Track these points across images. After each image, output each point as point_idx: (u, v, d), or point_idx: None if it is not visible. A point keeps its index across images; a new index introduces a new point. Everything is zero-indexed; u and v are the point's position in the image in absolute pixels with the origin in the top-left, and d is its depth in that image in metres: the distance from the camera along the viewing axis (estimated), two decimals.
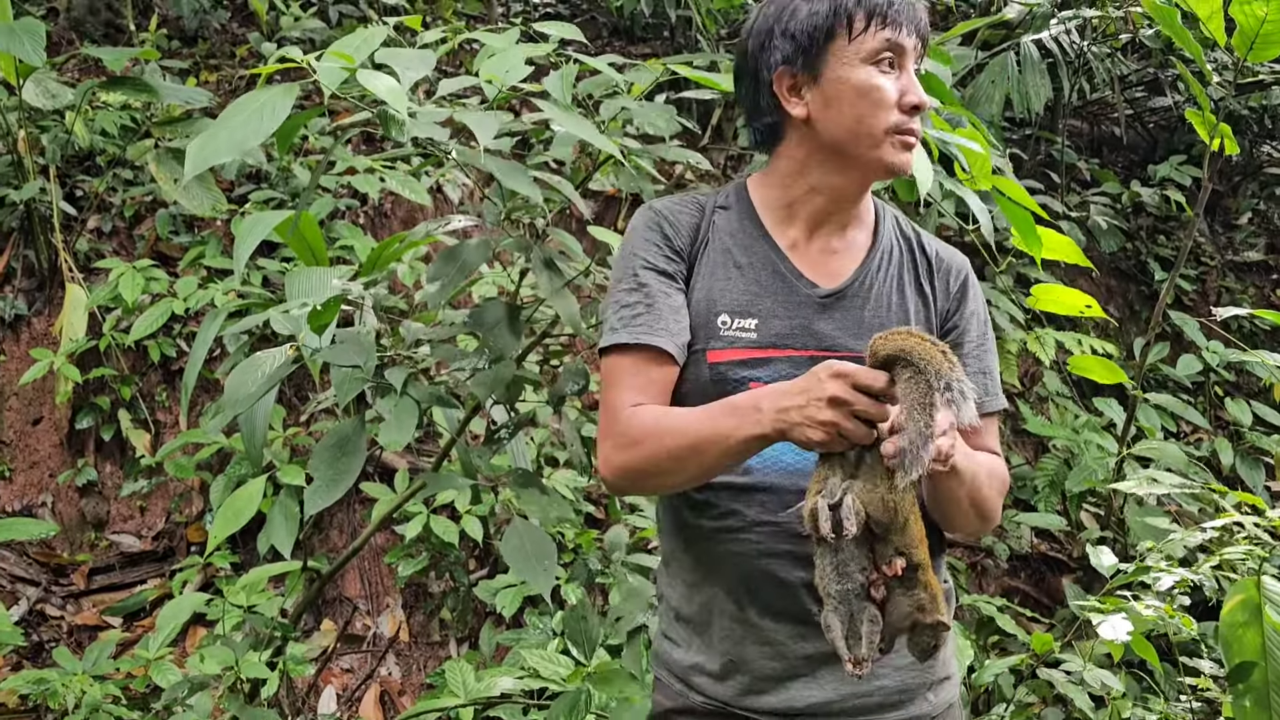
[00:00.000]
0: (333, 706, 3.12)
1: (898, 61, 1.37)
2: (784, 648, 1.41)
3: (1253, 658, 2.26)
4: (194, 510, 3.69)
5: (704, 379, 1.41)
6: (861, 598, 1.22)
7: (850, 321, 1.41)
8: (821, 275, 1.44)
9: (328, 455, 1.83)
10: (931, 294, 1.47)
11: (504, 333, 1.93)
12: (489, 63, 1.77)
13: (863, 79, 1.36)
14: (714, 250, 1.46)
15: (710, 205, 1.49)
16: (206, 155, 1.54)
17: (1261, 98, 5.40)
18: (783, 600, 1.39)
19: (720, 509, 1.42)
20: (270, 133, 1.61)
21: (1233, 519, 2.28)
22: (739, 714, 1.44)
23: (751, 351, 1.40)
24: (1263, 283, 5.43)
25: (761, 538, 1.39)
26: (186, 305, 3.66)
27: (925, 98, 1.37)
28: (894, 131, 1.37)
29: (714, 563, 1.44)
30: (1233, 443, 4.37)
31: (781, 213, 1.46)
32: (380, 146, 4.55)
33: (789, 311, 1.41)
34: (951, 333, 1.46)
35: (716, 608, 1.44)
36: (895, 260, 1.47)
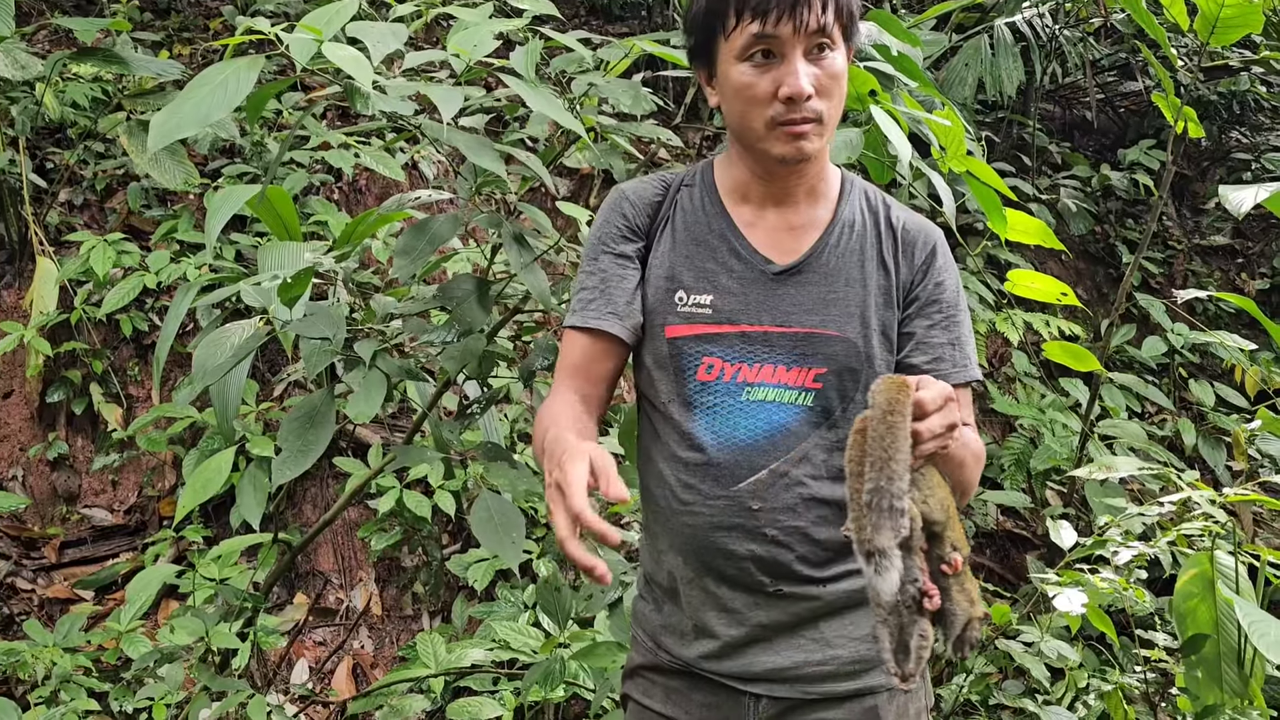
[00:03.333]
0: (305, 678, 3.14)
1: (779, 51, 1.33)
2: (741, 615, 1.45)
3: (1205, 630, 2.32)
4: (166, 484, 3.69)
5: (663, 353, 1.45)
6: (913, 610, 1.17)
7: (805, 296, 1.42)
8: (777, 251, 1.45)
9: (296, 427, 1.84)
10: (895, 267, 1.46)
11: (473, 307, 1.95)
12: (457, 37, 1.78)
13: (735, 77, 1.36)
14: (673, 227, 1.48)
15: (676, 184, 1.52)
16: (171, 128, 1.55)
17: (1230, 84, 5.47)
18: (734, 571, 1.43)
19: (676, 482, 1.45)
20: (235, 105, 1.61)
21: (1186, 495, 2.34)
22: (702, 675, 1.48)
23: (707, 327, 1.42)
24: (1228, 266, 5.51)
25: (714, 512, 1.42)
26: (159, 279, 3.65)
27: (802, 87, 1.31)
28: (776, 124, 1.35)
29: (673, 534, 1.47)
30: (1195, 423, 4.45)
31: (739, 191, 1.48)
32: (355, 122, 4.53)
33: (743, 287, 1.43)
34: (915, 303, 1.46)
35: (679, 575, 1.48)
36: (858, 234, 1.46)
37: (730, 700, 1.47)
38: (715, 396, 1.42)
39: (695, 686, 1.49)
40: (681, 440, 1.44)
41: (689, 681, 1.50)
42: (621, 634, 2.22)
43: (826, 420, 1.41)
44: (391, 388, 1.92)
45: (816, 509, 1.41)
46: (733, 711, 1.47)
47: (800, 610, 1.44)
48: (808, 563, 1.42)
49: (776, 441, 1.40)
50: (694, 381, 1.43)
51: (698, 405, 1.43)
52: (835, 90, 1.36)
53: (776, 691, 1.45)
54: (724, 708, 1.48)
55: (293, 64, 1.67)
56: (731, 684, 1.47)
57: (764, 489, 1.40)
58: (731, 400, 1.41)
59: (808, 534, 1.41)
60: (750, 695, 1.46)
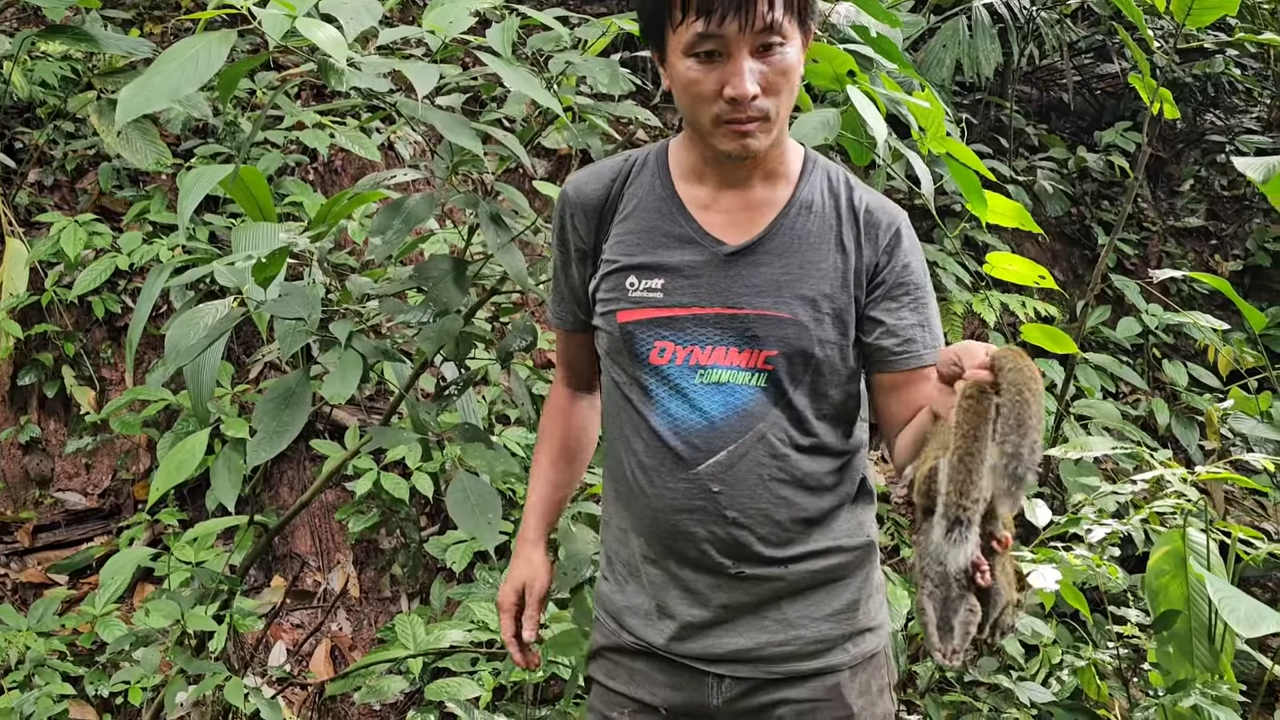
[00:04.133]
0: (283, 660, 3.13)
1: (725, 49, 1.29)
2: (703, 596, 1.45)
3: (1177, 607, 2.35)
4: (141, 468, 3.66)
5: (617, 339, 1.45)
6: (963, 585, 1.14)
7: (757, 278, 1.40)
8: (732, 232, 1.43)
9: (272, 408, 1.82)
10: (855, 249, 1.43)
11: (449, 287, 1.94)
12: (433, 13, 1.76)
13: (681, 72, 1.33)
14: (625, 214, 1.48)
15: (627, 169, 1.51)
16: (139, 102, 1.52)
17: (1206, 66, 5.50)
18: (695, 553, 1.44)
19: (636, 465, 1.46)
20: (206, 80, 1.58)
21: (1159, 474, 2.37)
22: (665, 656, 1.49)
23: (658, 311, 1.42)
24: (1202, 248, 5.56)
25: (674, 495, 1.43)
26: (131, 261, 3.61)
27: (747, 88, 1.29)
28: (722, 121, 1.33)
29: (635, 516, 1.48)
30: (1169, 403, 4.50)
31: (693, 173, 1.46)
32: (330, 101, 4.48)
33: (694, 270, 1.42)
34: (880, 286, 1.43)
35: (642, 555, 1.49)
36: (816, 215, 1.44)
37: (694, 681, 1.48)
38: (670, 380, 1.42)
39: (659, 668, 1.50)
40: (640, 423, 1.45)
41: (652, 663, 1.50)
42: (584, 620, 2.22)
43: (781, 400, 1.41)
44: (368, 369, 1.91)
45: (776, 489, 1.42)
46: (696, 692, 1.48)
47: (763, 591, 1.45)
48: (769, 543, 1.43)
49: (733, 423, 1.40)
50: (648, 365, 1.43)
51: (653, 389, 1.43)
52: (785, 85, 1.33)
53: (740, 672, 1.46)
54: (687, 688, 1.48)
55: (266, 41, 1.65)
56: (695, 665, 1.48)
57: (723, 471, 1.40)
58: (686, 383, 1.41)
59: (768, 515, 1.42)
60: (714, 676, 1.47)
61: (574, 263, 1.52)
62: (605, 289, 1.46)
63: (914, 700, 2.50)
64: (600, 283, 1.48)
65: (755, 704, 1.47)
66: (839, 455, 1.47)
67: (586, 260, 1.51)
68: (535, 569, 1.64)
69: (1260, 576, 3.60)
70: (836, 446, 1.46)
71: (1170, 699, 2.15)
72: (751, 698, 1.47)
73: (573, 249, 1.52)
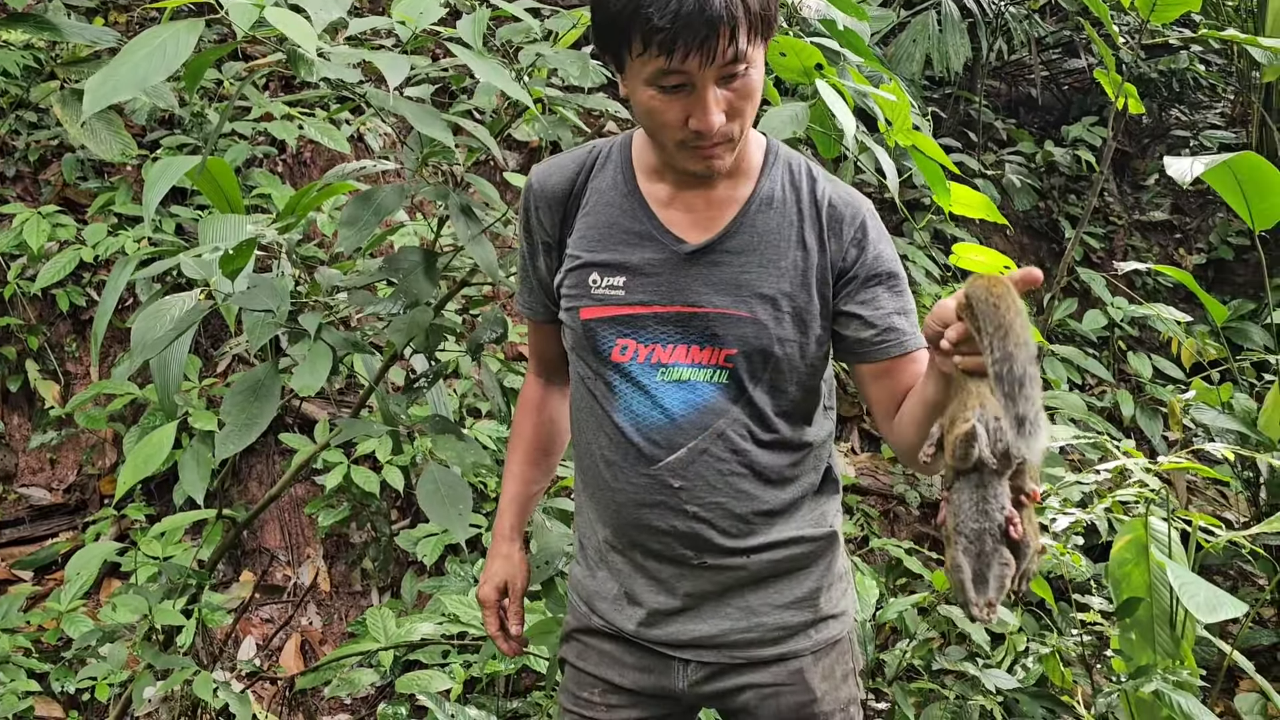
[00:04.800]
0: (252, 655, 3.12)
1: (689, 82, 1.25)
2: (669, 585, 1.48)
3: (1139, 594, 2.39)
4: (107, 462, 3.62)
5: (580, 335, 1.46)
6: (997, 539, 1.15)
7: (716, 277, 1.40)
8: (692, 230, 1.42)
9: (240, 400, 1.81)
10: (819, 246, 1.42)
11: (419, 279, 1.93)
12: (403, 4, 1.75)
13: (644, 100, 1.29)
14: (588, 208, 1.47)
15: (591, 161, 1.50)
16: (106, 92, 1.50)
17: (1170, 62, 5.57)
18: (659, 545, 1.46)
19: (600, 458, 1.48)
20: (173, 70, 1.57)
21: (1122, 464, 2.40)
22: (633, 640, 1.52)
23: (620, 309, 1.43)
24: (1166, 241, 5.64)
25: (636, 489, 1.44)
26: (96, 253, 3.56)
27: (713, 121, 1.26)
28: (685, 146, 1.32)
29: (601, 506, 1.50)
30: (1134, 395, 4.56)
31: (655, 170, 1.45)
32: (299, 92, 4.44)
33: (655, 268, 1.42)
34: (852, 281, 1.42)
35: (609, 545, 1.52)
36: (776, 209, 1.42)
37: (661, 664, 1.51)
38: (632, 377, 1.43)
39: (627, 650, 1.53)
40: (605, 418, 1.46)
41: (621, 646, 1.53)
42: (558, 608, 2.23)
43: (741, 398, 1.42)
44: (337, 361, 1.90)
45: (736, 483, 1.43)
46: (664, 675, 1.51)
47: (726, 580, 1.47)
48: (729, 535, 1.44)
49: (694, 420, 1.41)
50: (610, 362, 1.44)
51: (617, 385, 1.44)
52: (749, 106, 1.31)
53: (704, 657, 1.49)
54: (655, 671, 1.52)
55: (234, 31, 1.64)
56: (662, 650, 1.51)
57: (683, 466, 1.42)
58: (648, 380, 1.42)
59: (728, 509, 1.43)
60: (679, 660, 1.50)
61: (540, 254, 1.52)
62: (569, 284, 1.47)
63: (882, 688, 2.53)
64: (565, 277, 1.48)
65: (720, 687, 1.50)
66: (800, 448, 1.48)
67: (552, 252, 1.51)
68: (514, 566, 1.68)
69: (1221, 564, 3.67)
70: (798, 440, 1.47)
71: (1132, 685, 2.19)
72: (716, 681, 1.50)
73: (539, 241, 1.52)
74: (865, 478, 3.95)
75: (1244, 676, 2.95)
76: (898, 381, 1.41)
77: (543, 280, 1.54)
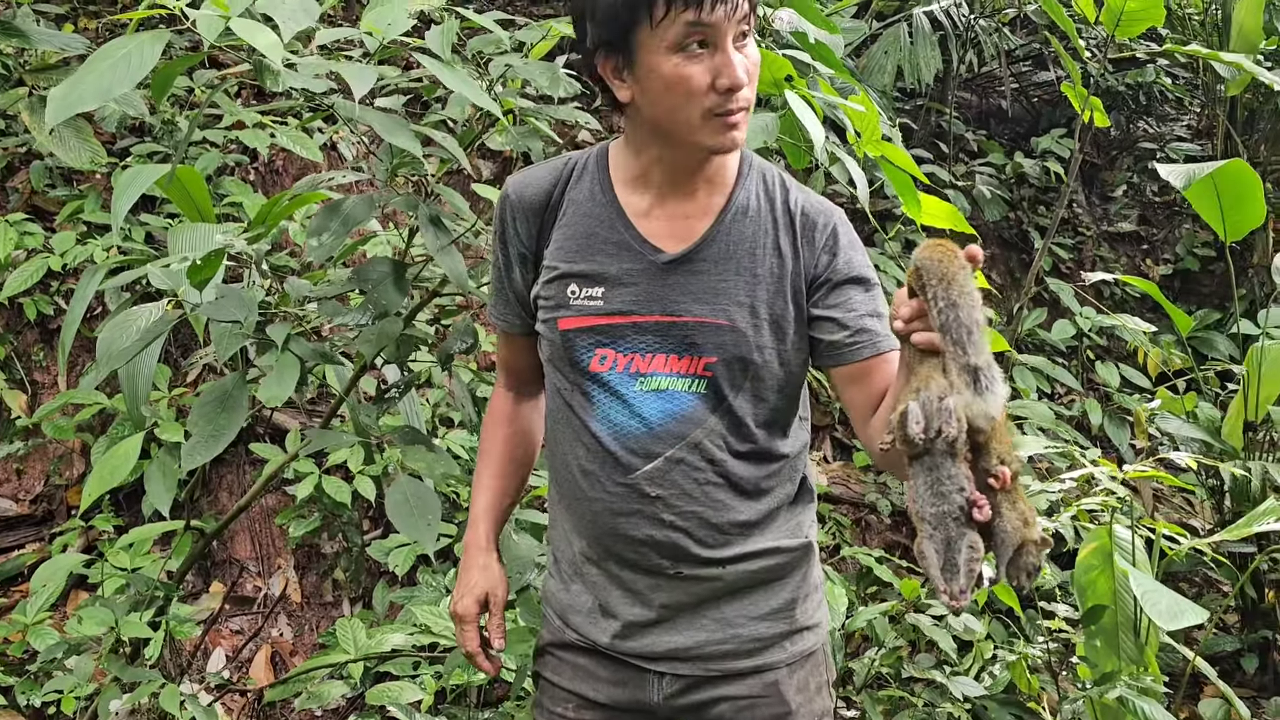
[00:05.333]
0: (221, 667, 3.09)
1: (712, 39, 1.29)
2: (644, 596, 1.48)
3: (1104, 602, 2.42)
4: (74, 473, 3.58)
5: (557, 345, 1.46)
6: (961, 522, 1.12)
7: (695, 286, 1.41)
8: (670, 239, 1.43)
9: (208, 411, 1.81)
10: (793, 254, 1.44)
11: (389, 289, 1.94)
12: (372, 14, 1.76)
13: (669, 71, 1.30)
14: (565, 219, 1.48)
15: (567, 173, 1.50)
16: (70, 102, 1.50)
17: (1138, 75, 5.65)
18: (634, 555, 1.46)
19: (577, 468, 1.47)
20: (139, 80, 1.57)
21: (1087, 472, 2.43)
22: (608, 653, 1.51)
23: (599, 319, 1.43)
24: (1134, 252, 5.71)
25: (613, 498, 1.44)
26: (64, 261, 3.53)
27: (741, 77, 1.31)
28: (712, 115, 1.32)
29: (576, 517, 1.50)
30: (1102, 404, 4.61)
31: (635, 180, 1.46)
32: (270, 100, 4.42)
33: (634, 278, 1.42)
34: (824, 286, 1.44)
35: (584, 556, 1.51)
36: (751, 219, 1.44)
37: (636, 678, 1.51)
38: (611, 387, 1.43)
39: (602, 664, 1.52)
40: (582, 429, 1.46)
41: (596, 660, 1.53)
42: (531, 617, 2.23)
43: (720, 407, 1.43)
44: (306, 371, 1.90)
45: (713, 493, 1.44)
46: (638, 689, 1.51)
47: (701, 591, 1.47)
48: (706, 545, 1.45)
49: (671, 429, 1.42)
50: (589, 372, 1.44)
51: (595, 395, 1.45)
52: (755, 74, 1.36)
53: (679, 669, 1.49)
54: (630, 685, 1.51)
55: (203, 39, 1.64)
56: (636, 662, 1.50)
57: (660, 476, 1.42)
58: (626, 390, 1.43)
59: (705, 518, 1.44)
60: (654, 673, 1.50)
61: (516, 265, 1.52)
62: (546, 295, 1.47)
63: (851, 697, 2.54)
64: (541, 289, 1.48)
65: (695, 700, 1.50)
66: (777, 459, 1.49)
67: (528, 263, 1.51)
68: (494, 577, 1.61)
69: (1187, 571, 3.72)
70: (775, 450, 1.48)
71: (1097, 691, 2.22)
72: (691, 694, 1.50)
73: (514, 252, 1.51)
74: (837, 486, 3.97)
75: (1208, 683, 2.99)
76: (873, 384, 1.42)
77: (519, 292, 1.53)
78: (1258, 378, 3.27)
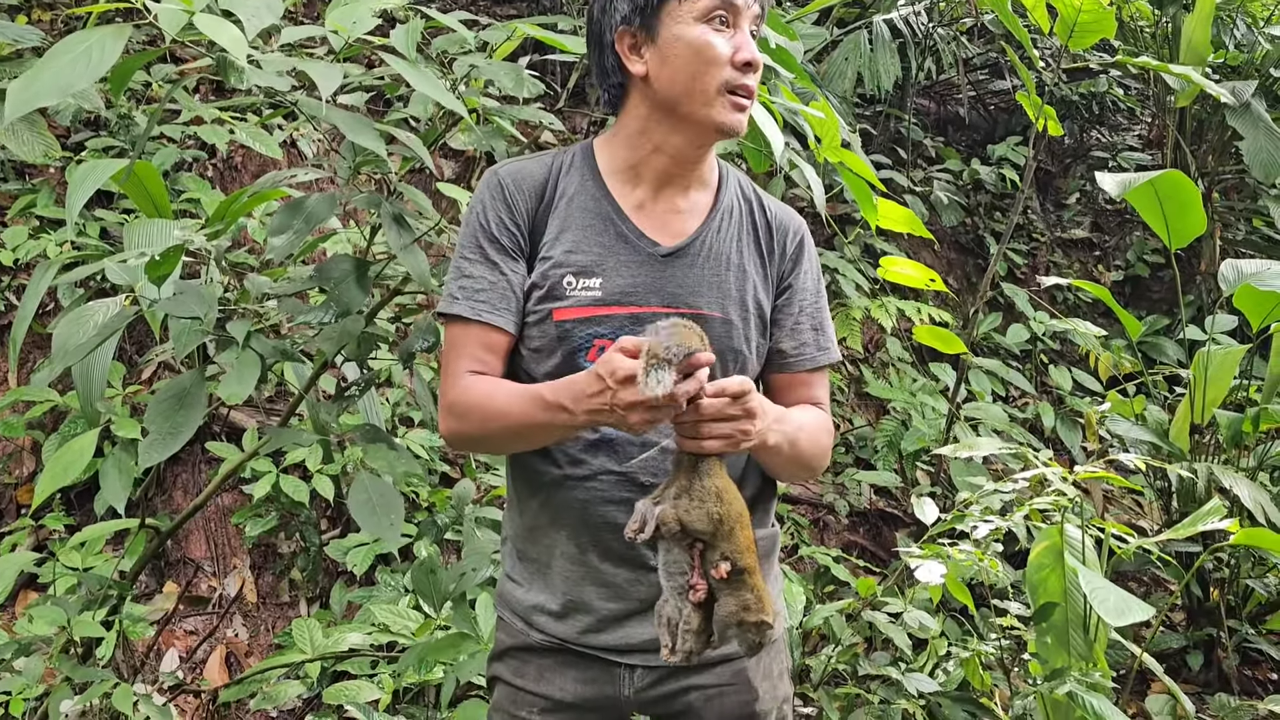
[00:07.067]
0: (175, 667, 3.06)
1: (732, 20, 1.41)
2: (621, 590, 1.49)
3: (1055, 599, 2.47)
4: (25, 471, 3.52)
5: (550, 336, 1.46)
6: (680, 598, 1.32)
7: (690, 278, 1.47)
8: (663, 234, 1.49)
9: (165, 408, 1.79)
10: (769, 253, 1.54)
11: (351, 287, 1.93)
12: (335, 12, 1.75)
13: (695, 36, 1.40)
14: (560, 211, 1.49)
15: (556, 165, 1.53)
16: (29, 96, 1.48)
17: (1091, 85, 5.76)
18: (621, 545, 1.45)
19: (565, 458, 1.48)
20: (99, 75, 1.55)
21: (1040, 473, 2.48)
22: (577, 650, 1.52)
23: (596, 309, 1.45)
24: (1086, 258, 5.82)
25: (605, 486, 1.46)
26: (16, 256, 3.47)
27: (758, 56, 1.42)
28: (726, 89, 1.41)
29: (558, 508, 1.50)
30: (1055, 406, 4.70)
31: (627, 174, 1.50)
32: (230, 96, 4.38)
33: (631, 270, 1.46)
34: (787, 291, 1.55)
35: (558, 550, 1.51)
36: (735, 220, 1.53)
37: (605, 673, 1.51)
38: None
39: (569, 663, 1.52)
40: None
41: (562, 658, 1.53)
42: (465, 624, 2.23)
43: None
44: (266, 369, 1.88)
45: None
46: (607, 684, 1.51)
47: None
48: None
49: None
50: (585, 362, 1.45)
51: None
52: (761, 67, 1.45)
53: (651, 661, 1.50)
54: (599, 681, 1.52)
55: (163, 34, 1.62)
56: (607, 656, 1.51)
57: (655, 465, 1.45)
58: None
59: None
60: (625, 667, 1.51)
61: (509, 256, 1.48)
62: (541, 286, 1.47)
63: (808, 694, 2.57)
64: (536, 278, 1.48)
65: (665, 691, 1.52)
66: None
67: (522, 253, 1.49)
68: None
69: (1135, 570, 3.80)
70: None
71: (1048, 686, 2.26)
72: (661, 686, 1.52)
73: (506, 242, 1.48)
74: (795, 486, 4.02)
75: (1155, 679, 3.06)
76: (800, 395, 1.54)
77: (515, 289, 1.48)
78: (1204, 381, 3.36)
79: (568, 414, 1.33)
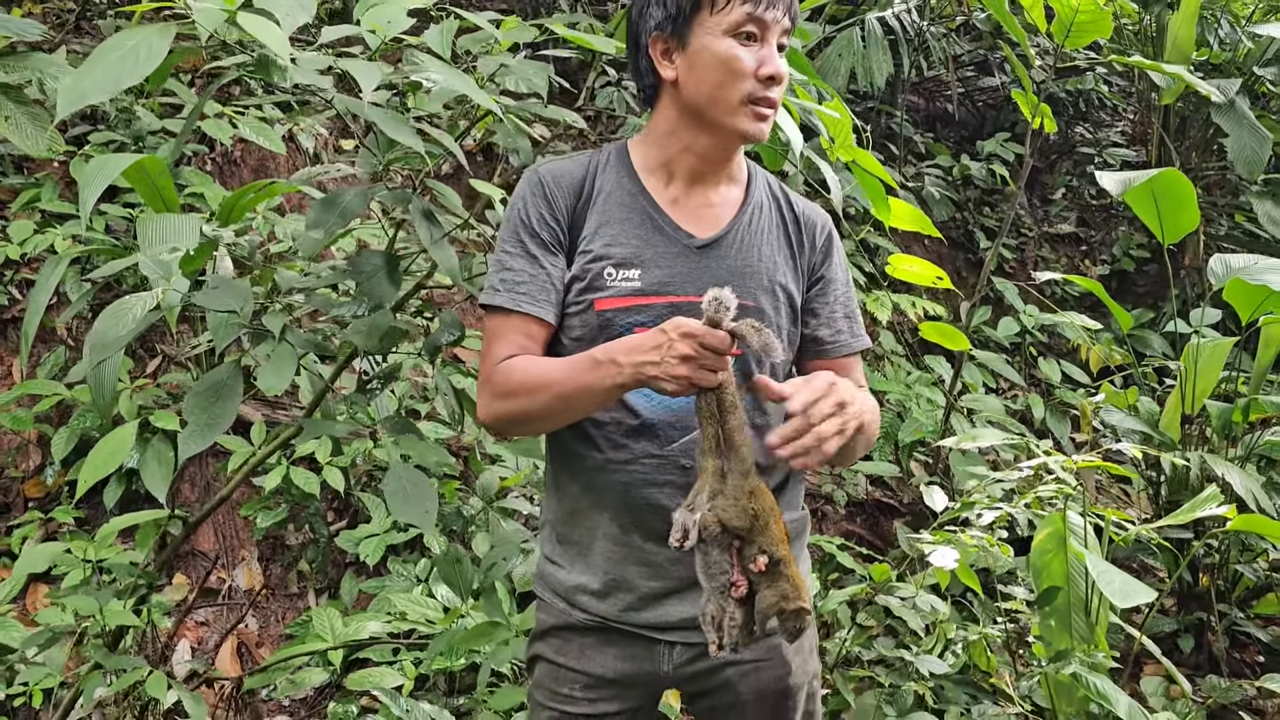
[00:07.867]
0: (188, 659, 3.08)
1: (760, 35, 1.47)
2: (663, 569, 1.54)
3: (1058, 583, 2.55)
4: (31, 464, 3.52)
5: (592, 325, 1.52)
6: (725, 596, 1.37)
7: (725, 269, 1.53)
8: (698, 226, 1.55)
9: (203, 400, 1.82)
10: (799, 247, 1.61)
11: (382, 281, 1.97)
12: (371, 12, 1.79)
13: (722, 49, 1.46)
14: (598, 207, 1.55)
15: (593, 165, 1.59)
16: (80, 94, 1.51)
17: (1077, 83, 5.86)
18: (662, 526, 1.50)
19: (606, 443, 1.53)
20: (147, 73, 1.58)
21: (1043, 462, 2.55)
22: (617, 628, 1.57)
23: (636, 299, 1.51)
24: (1073, 253, 5.92)
25: (648, 470, 1.51)
26: (22, 251, 3.48)
27: (783, 70, 1.48)
28: (749, 101, 1.47)
29: (600, 491, 1.55)
30: (1044, 398, 4.79)
31: (660, 171, 1.57)
32: (229, 91, 4.38)
33: (669, 261, 1.52)
34: (820, 282, 1.62)
35: (600, 531, 1.56)
36: (766, 215, 1.60)
37: (645, 650, 1.57)
38: None
39: (610, 640, 1.58)
40: (618, 404, 1.51)
41: (604, 636, 1.58)
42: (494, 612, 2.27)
43: (747, 382, 1.51)
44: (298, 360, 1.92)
45: None
46: (647, 660, 1.57)
47: None
48: None
49: None
50: None
51: None
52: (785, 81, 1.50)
53: (691, 638, 1.55)
54: (639, 658, 1.57)
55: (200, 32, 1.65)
56: (647, 634, 1.56)
57: (694, 448, 1.49)
58: None
59: None
60: (665, 644, 1.57)
61: (549, 250, 1.53)
62: (582, 278, 1.52)
63: (824, 675, 2.64)
64: (577, 270, 1.53)
65: (702, 667, 1.58)
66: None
67: (562, 248, 1.55)
68: None
69: (1125, 557, 3.89)
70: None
71: (1052, 668, 2.33)
72: (699, 662, 1.57)
73: (546, 239, 1.54)
74: None
75: (1149, 661, 3.15)
76: None
77: (556, 281, 1.53)
78: (1194, 373, 3.44)
79: (616, 367, 1.37)
